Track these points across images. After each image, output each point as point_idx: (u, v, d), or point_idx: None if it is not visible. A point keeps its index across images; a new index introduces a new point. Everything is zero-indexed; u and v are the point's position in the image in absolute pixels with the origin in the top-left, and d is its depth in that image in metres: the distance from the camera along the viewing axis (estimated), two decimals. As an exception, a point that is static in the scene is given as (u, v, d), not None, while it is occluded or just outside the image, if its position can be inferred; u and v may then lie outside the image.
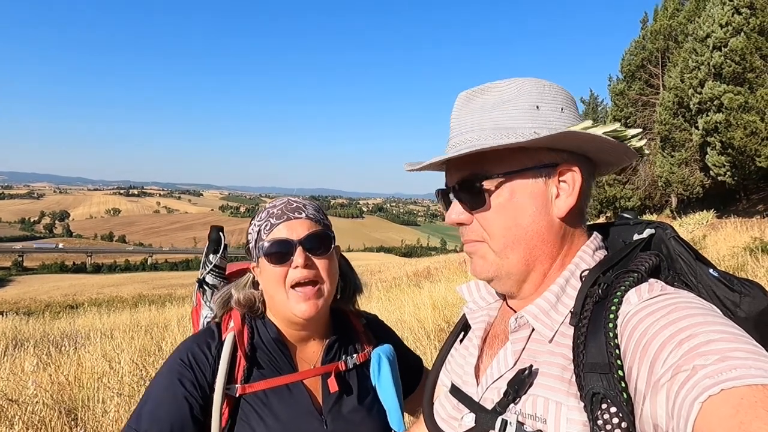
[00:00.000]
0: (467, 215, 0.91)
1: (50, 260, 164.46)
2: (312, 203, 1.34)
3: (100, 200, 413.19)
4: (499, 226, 0.88)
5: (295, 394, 1.26)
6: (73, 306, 26.41)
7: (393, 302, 9.32)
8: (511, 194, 0.88)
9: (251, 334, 1.30)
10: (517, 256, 0.89)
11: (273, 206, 1.30)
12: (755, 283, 0.79)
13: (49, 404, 4.10)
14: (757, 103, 20.82)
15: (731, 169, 23.15)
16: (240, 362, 1.25)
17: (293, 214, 1.27)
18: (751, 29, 21.69)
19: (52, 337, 8.47)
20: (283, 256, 1.24)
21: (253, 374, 1.26)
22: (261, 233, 1.27)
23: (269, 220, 1.27)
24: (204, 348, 1.25)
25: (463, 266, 16.52)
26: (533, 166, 0.88)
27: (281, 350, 1.30)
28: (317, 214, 1.32)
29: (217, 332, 1.30)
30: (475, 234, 0.91)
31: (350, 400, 1.31)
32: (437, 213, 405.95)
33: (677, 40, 29.36)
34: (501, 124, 0.88)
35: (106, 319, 12.64)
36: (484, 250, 0.91)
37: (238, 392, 1.22)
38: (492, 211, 0.88)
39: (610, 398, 0.71)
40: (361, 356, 1.38)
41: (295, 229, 1.25)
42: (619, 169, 1.02)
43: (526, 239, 0.88)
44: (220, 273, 1.49)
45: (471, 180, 0.89)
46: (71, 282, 69.82)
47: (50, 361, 5.70)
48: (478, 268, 0.93)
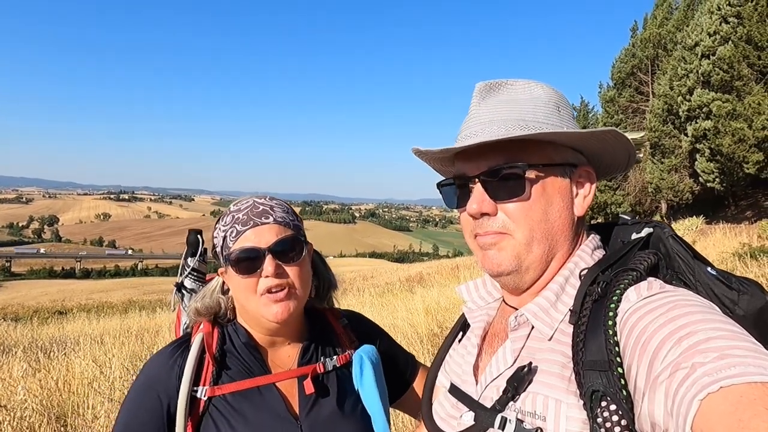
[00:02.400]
0: (493, 206, 0.89)
1: (38, 265, 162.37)
2: (280, 204, 1.25)
3: (90, 205, 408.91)
4: (528, 218, 0.87)
5: (268, 398, 1.19)
6: (61, 312, 26.02)
7: (386, 307, 9.29)
8: (544, 187, 0.89)
9: (221, 340, 1.24)
10: (540, 250, 0.89)
11: (238, 210, 1.21)
12: (753, 282, 0.79)
13: (38, 410, 4.04)
14: (745, 111, 21.07)
15: (720, 175, 23.37)
16: (208, 365, 1.19)
17: (260, 219, 1.18)
18: (738, 38, 21.99)
19: (40, 343, 8.34)
20: (251, 265, 1.16)
21: (222, 377, 1.20)
22: (227, 240, 1.19)
23: (235, 226, 1.19)
24: (169, 361, 1.20)
25: (456, 271, 16.51)
26: (561, 163, 0.90)
27: (253, 354, 1.24)
28: (286, 216, 1.23)
29: (184, 343, 1.25)
30: (499, 225, 0.89)
31: (329, 403, 1.24)
32: (429, 218, 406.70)
33: (666, 48, 29.67)
34: (532, 118, 0.89)
35: (96, 324, 12.46)
36: (507, 243, 0.89)
37: (206, 394, 1.16)
38: (528, 202, 0.87)
39: (609, 396, 0.72)
40: (342, 358, 1.31)
41: (263, 235, 1.17)
42: (610, 177, 1.06)
43: (552, 234, 0.89)
44: (199, 277, 1.42)
45: (507, 168, 0.87)
46: (60, 287, 68.98)
47: (39, 367, 5.61)
48: (497, 261, 0.90)
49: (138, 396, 1.18)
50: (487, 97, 0.93)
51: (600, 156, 0.96)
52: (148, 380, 1.19)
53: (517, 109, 0.90)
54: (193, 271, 1.41)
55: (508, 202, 0.88)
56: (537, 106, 0.90)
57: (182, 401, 1.14)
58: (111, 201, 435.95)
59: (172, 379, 1.17)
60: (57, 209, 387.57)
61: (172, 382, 1.17)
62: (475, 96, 0.94)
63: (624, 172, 1.03)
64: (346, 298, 12.28)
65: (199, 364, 1.19)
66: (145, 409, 1.15)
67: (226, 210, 1.25)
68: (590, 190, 0.92)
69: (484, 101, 0.93)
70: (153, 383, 1.18)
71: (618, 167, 1.01)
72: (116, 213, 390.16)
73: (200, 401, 1.16)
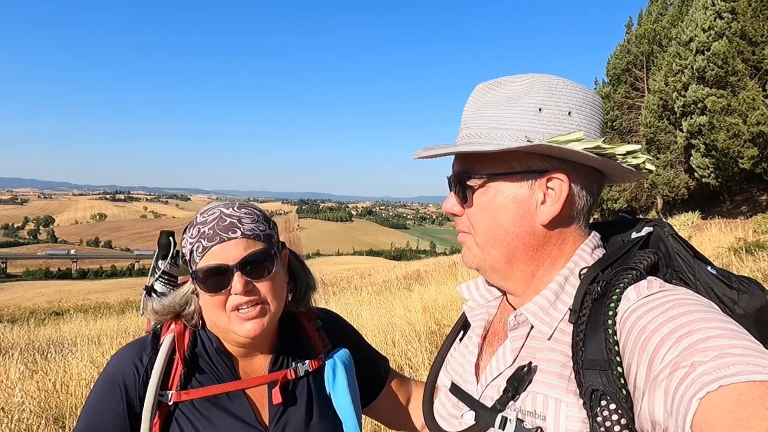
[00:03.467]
0: (459, 207, 0.95)
1: (35, 266, 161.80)
2: (249, 214, 1.16)
3: (85, 205, 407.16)
4: (480, 224, 0.91)
5: (237, 405, 1.16)
6: (58, 313, 25.97)
7: (383, 305, 9.29)
8: (494, 195, 0.89)
9: (193, 342, 1.21)
10: (497, 253, 0.92)
11: (203, 223, 1.13)
12: (753, 281, 0.79)
13: (36, 412, 4.03)
14: (740, 106, 21.15)
15: (715, 170, 23.47)
16: (177, 367, 1.15)
17: (227, 234, 1.11)
18: (732, 33, 22.05)
19: (37, 345, 8.32)
20: (219, 282, 1.11)
21: (192, 382, 1.16)
22: (194, 255, 1.13)
23: (201, 241, 1.12)
24: (135, 359, 1.15)
25: (453, 269, 16.54)
26: (521, 171, 0.88)
27: (224, 360, 1.20)
28: (256, 228, 1.15)
29: (151, 341, 1.20)
30: (464, 226, 0.95)
31: (298, 411, 1.21)
32: (426, 216, 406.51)
33: (661, 44, 29.76)
34: (501, 124, 0.88)
35: (93, 325, 12.44)
36: (471, 242, 0.95)
37: (172, 399, 1.12)
38: (474, 209, 0.91)
39: (609, 395, 0.72)
40: (315, 363, 1.28)
41: (230, 251, 1.10)
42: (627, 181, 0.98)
43: (506, 240, 0.90)
44: (170, 280, 1.36)
45: (460, 175, 0.92)
46: (56, 288, 68.69)
47: (36, 368, 5.60)
48: (466, 258, 0.97)
49: (100, 395, 1.14)
50: (477, 100, 0.94)
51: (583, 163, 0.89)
52: (112, 378, 1.14)
53: (491, 115, 0.90)
54: (163, 274, 1.35)
55: (466, 206, 0.94)
56: (509, 110, 0.88)
57: (148, 404, 1.10)
58: (107, 201, 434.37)
59: (137, 380, 1.13)
60: (52, 210, 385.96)
61: (137, 382, 1.13)
62: (470, 98, 0.95)
63: (627, 180, 0.98)
64: (344, 297, 12.31)
65: (167, 365, 1.15)
66: (109, 408, 1.12)
67: (193, 219, 1.18)
68: (560, 197, 0.87)
69: (474, 104, 0.94)
70: (117, 382, 1.13)
71: (619, 176, 0.94)
72: (112, 213, 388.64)
73: (166, 405, 1.13)
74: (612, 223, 1.00)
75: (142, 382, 1.13)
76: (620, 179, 0.96)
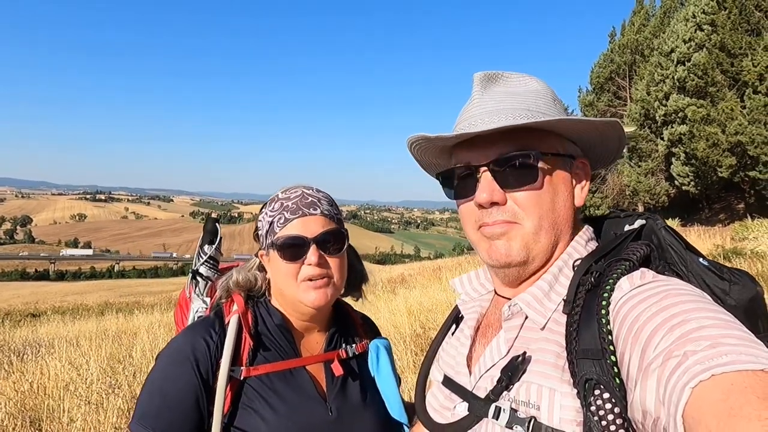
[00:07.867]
0: (503, 194, 0.87)
1: (10, 267, 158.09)
2: (326, 197, 1.31)
3: (65, 205, 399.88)
4: (541, 207, 0.87)
5: (299, 379, 1.25)
6: (34, 314, 25.35)
7: (368, 308, 9.25)
8: (552, 177, 0.89)
9: (255, 321, 1.28)
10: (547, 240, 0.89)
11: (287, 198, 1.26)
12: (744, 272, 0.80)
13: (12, 413, 3.93)
14: (719, 116, 21.65)
15: (695, 178, 23.96)
16: (245, 344, 1.23)
17: (308, 210, 1.24)
18: (712, 45, 22.60)
19: (13, 346, 8.12)
20: (296, 252, 1.22)
21: (258, 358, 1.24)
22: (274, 225, 1.25)
23: (283, 213, 1.24)
24: (205, 336, 1.21)
25: (438, 273, 16.54)
26: (564, 153, 0.90)
27: (285, 337, 1.29)
28: (332, 210, 1.29)
29: (218, 319, 1.26)
30: (509, 214, 0.88)
31: (353, 387, 1.31)
32: (411, 220, 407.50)
33: (644, 54, 30.32)
34: (537, 109, 0.89)
35: (71, 327, 12.18)
36: (516, 232, 0.88)
37: (242, 375, 1.19)
38: (540, 191, 0.87)
39: (603, 384, 0.72)
40: (360, 347, 1.38)
41: (309, 226, 1.23)
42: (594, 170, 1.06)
43: (557, 224, 0.90)
44: (215, 265, 1.46)
45: (520, 157, 0.86)
46: (32, 290, 66.98)
47: (12, 370, 5.46)
48: (505, 251, 0.88)
49: (173, 366, 1.18)
50: (488, 87, 0.92)
51: (593, 148, 0.97)
52: (183, 353, 1.19)
53: (521, 100, 0.90)
54: (209, 258, 1.44)
55: (518, 191, 0.87)
56: (538, 98, 0.91)
57: (222, 379, 1.16)
58: (87, 201, 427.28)
59: (209, 354, 1.19)
60: (30, 209, 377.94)
61: (208, 356, 1.19)
62: (476, 85, 0.93)
63: (608, 165, 1.06)
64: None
65: (237, 341, 1.22)
66: (182, 379, 1.16)
67: (275, 196, 1.30)
68: (587, 181, 0.94)
69: (486, 91, 0.92)
70: (188, 355, 1.18)
71: (605, 160, 1.02)
72: (92, 213, 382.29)
73: (236, 379, 1.19)
74: (604, 217, 1.01)
75: (213, 356, 1.19)
76: (593, 168, 1.02)
